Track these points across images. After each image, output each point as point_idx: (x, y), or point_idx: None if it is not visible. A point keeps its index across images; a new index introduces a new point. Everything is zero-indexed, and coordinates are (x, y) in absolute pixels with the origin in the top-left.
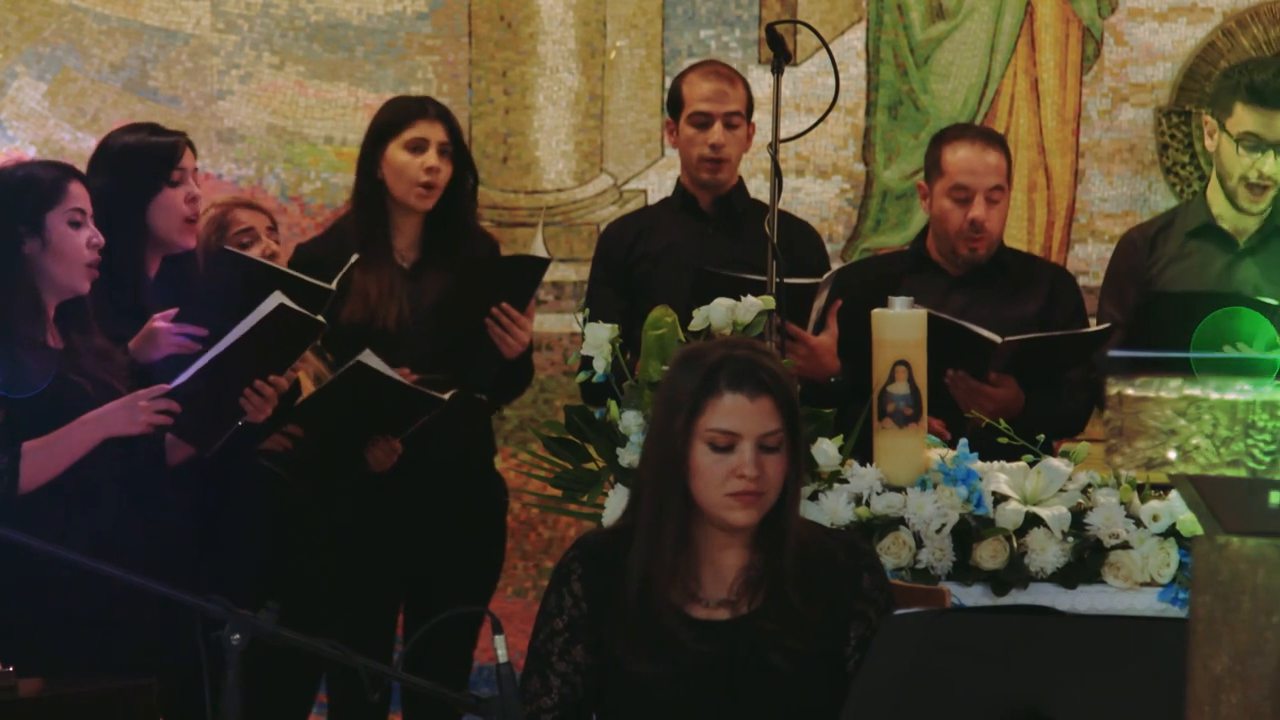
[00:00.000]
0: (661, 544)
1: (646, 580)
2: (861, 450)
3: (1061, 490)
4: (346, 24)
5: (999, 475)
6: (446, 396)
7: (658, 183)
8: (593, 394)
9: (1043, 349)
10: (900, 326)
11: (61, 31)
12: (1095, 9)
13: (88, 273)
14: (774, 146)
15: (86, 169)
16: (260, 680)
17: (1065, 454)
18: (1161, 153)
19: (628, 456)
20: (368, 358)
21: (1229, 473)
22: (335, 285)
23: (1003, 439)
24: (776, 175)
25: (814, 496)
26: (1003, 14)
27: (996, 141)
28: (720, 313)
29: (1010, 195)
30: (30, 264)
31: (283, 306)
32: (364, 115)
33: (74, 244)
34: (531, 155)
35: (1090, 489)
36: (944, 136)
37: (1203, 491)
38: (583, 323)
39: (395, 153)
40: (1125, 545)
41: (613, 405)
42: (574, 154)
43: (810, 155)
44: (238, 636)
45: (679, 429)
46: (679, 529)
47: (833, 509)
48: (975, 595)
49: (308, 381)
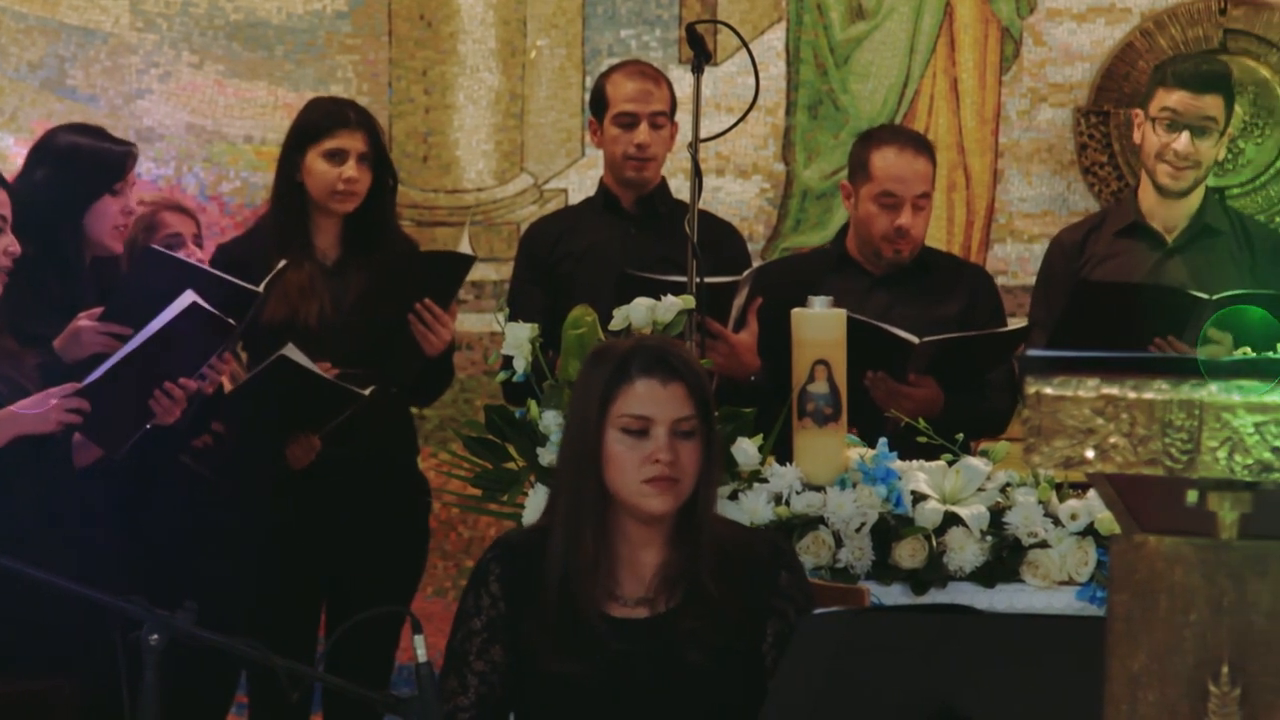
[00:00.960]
0: (579, 542)
1: (565, 579)
2: (781, 449)
3: (980, 489)
4: (266, 23)
5: (918, 474)
6: (367, 392)
7: (578, 182)
8: (513, 393)
9: (962, 349)
10: (820, 326)
11: None
12: (1014, 9)
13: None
14: (694, 146)
15: (25, 160)
16: (179, 681)
17: (984, 453)
18: (1080, 153)
19: (548, 456)
20: (290, 351)
21: (1146, 472)
22: (263, 289)
23: (922, 438)
24: (697, 175)
25: (734, 496)
26: (922, 14)
27: (925, 147)
28: (640, 312)
29: (933, 200)
30: None
31: (195, 305)
32: (283, 114)
33: None
34: (452, 154)
35: (1009, 488)
36: (871, 138)
37: (1120, 490)
38: (503, 322)
39: (314, 161)
40: (1043, 544)
41: (533, 405)
42: (494, 153)
43: (730, 155)
44: (156, 637)
45: (592, 420)
46: (596, 525)
47: (752, 508)
48: (894, 594)
49: (226, 381)
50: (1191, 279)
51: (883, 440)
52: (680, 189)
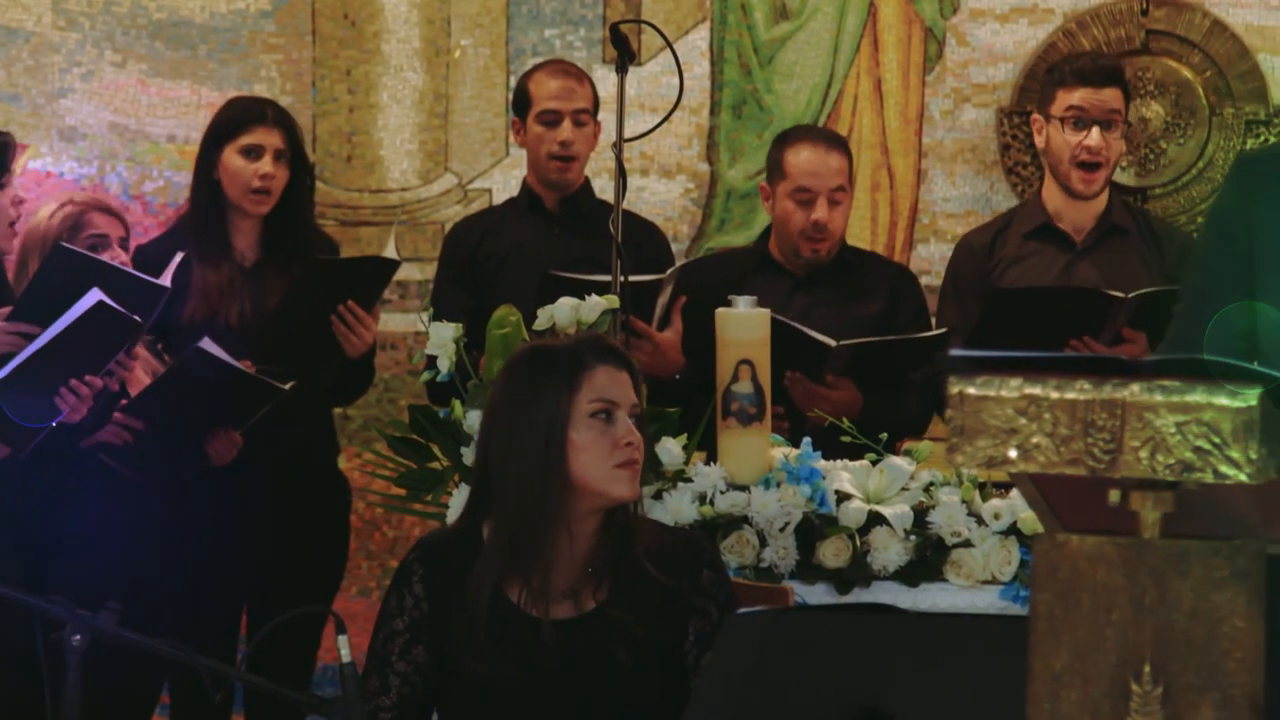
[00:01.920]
0: (540, 542)
1: (494, 580)
2: (705, 449)
3: (904, 489)
4: (189, 22)
5: (842, 474)
6: (288, 386)
7: (503, 182)
8: (437, 393)
9: (880, 352)
10: (744, 326)
11: None
12: (937, 10)
13: None
14: (618, 146)
15: None
16: (102, 681)
17: (908, 453)
18: (1003, 153)
19: (472, 455)
20: (207, 344)
21: (1069, 471)
22: (170, 283)
23: (846, 438)
24: (621, 175)
25: (658, 495)
26: (846, 14)
27: (838, 143)
28: (565, 312)
29: (852, 196)
30: None
31: (101, 304)
32: (207, 114)
33: None
34: (376, 154)
35: (932, 487)
36: (786, 138)
37: (1043, 490)
38: (427, 322)
39: (230, 157)
40: (967, 543)
41: (457, 404)
42: (418, 153)
43: (655, 155)
44: (78, 637)
45: (555, 412)
46: (549, 525)
47: (677, 508)
48: (818, 594)
49: (145, 379)
50: (1102, 280)
51: (807, 440)
52: (604, 189)
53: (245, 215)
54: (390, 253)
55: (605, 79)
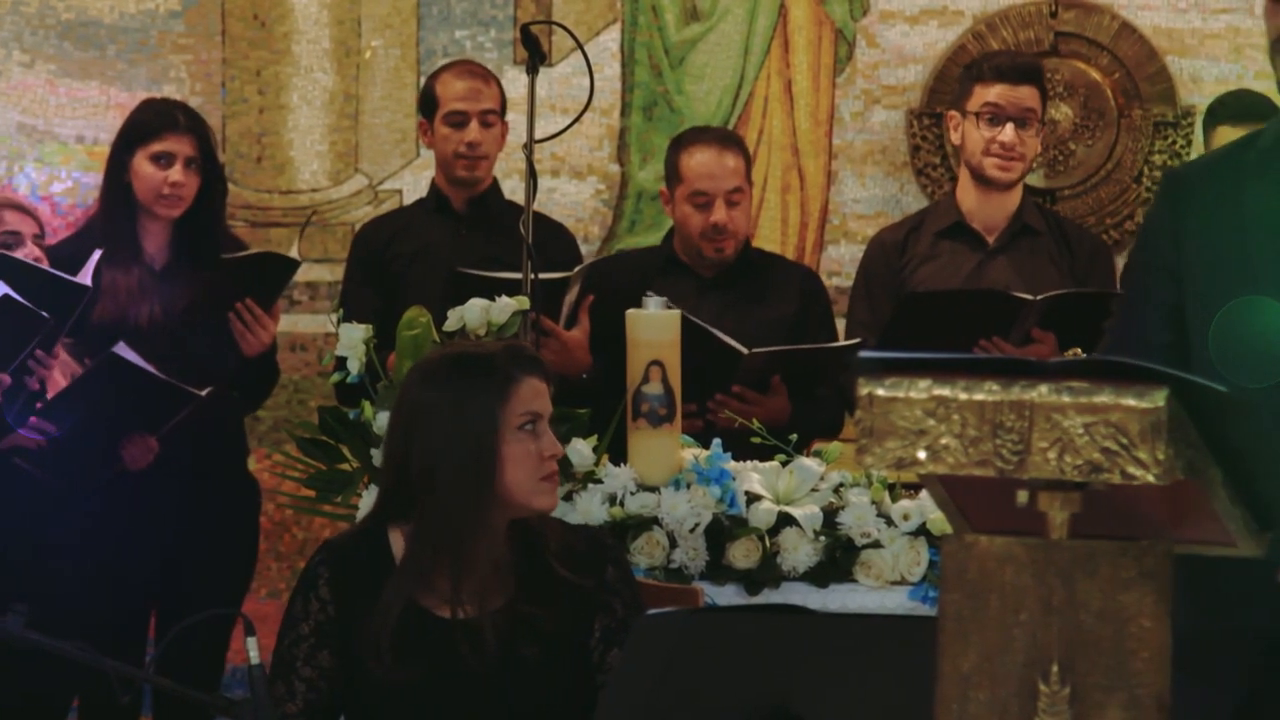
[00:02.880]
0: (455, 551)
1: (404, 584)
2: (615, 450)
3: (814, 490)
4: (98, 22)
5: (752, 475)
6: (204, 392)
7: (413, 183)
8: (347, 394)
9: (794, 360)
10: (654, 327)
11: None
12: (848, 12)
13: None
14: (529, 147)
15: None
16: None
17: (818, 454)
18: (913, 154)
19: (381, 457)
20: (122, 350)
21: (977, 472)
22: (90, 282)
23: (756, 439)
24: (531, 176)
25: (568, 497)
26: (756, 16)
27: (733, 143)
28: (475, 313)
29: (751, 194)
30: None
31: (6, 298)
32: (116, 114)
33: None
34: (286, 155)
35: (842, 488)
36: (680, 142)
37: (951, 491)
38: (337, 323)
39: (141, 163)
40: (876, 544)
41: (366, 406)
42: (329, 154)
43: (565, 156)
44: None
45: (487, 424)
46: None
47: (587, 509)
48: (728, 594)
49: (63, 381)
50: (1014, 280)
51: (717, 441)
52: (515, 190)
53: (155, 218)
54: (293, 253)
55: (516, 80)
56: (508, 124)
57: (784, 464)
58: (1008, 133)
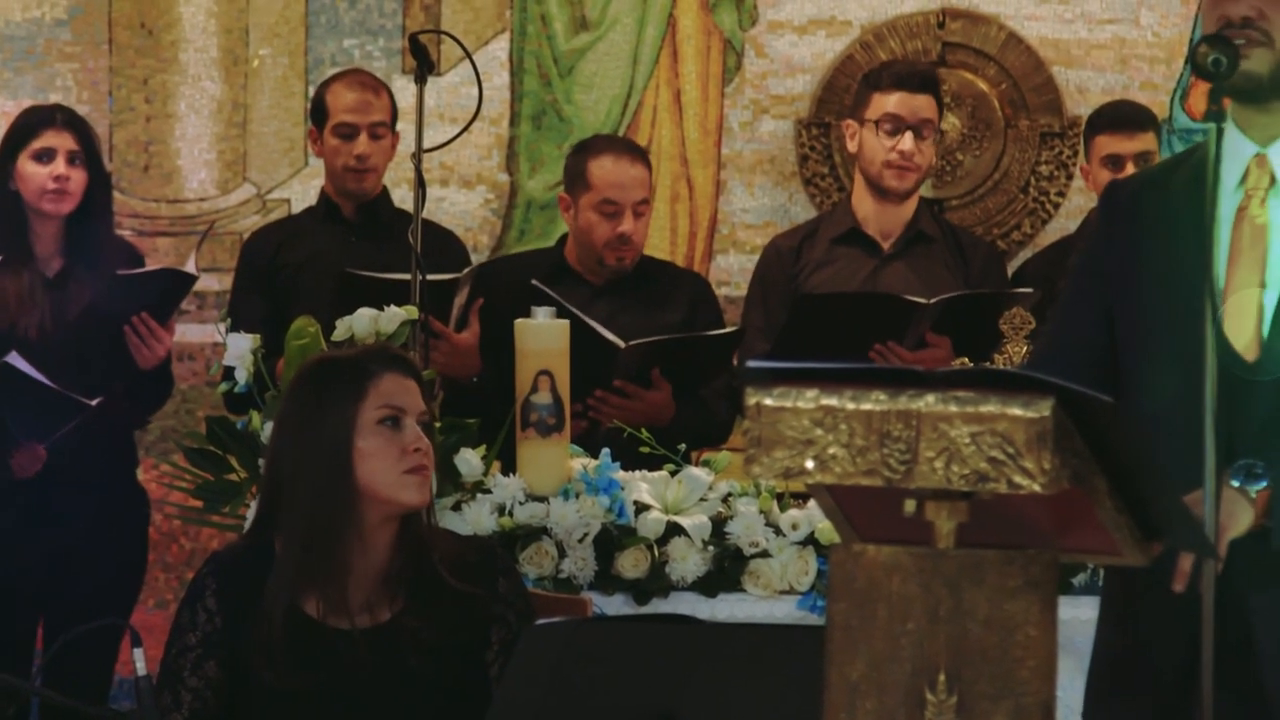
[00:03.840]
0: (330, 553)
1: (289, 592)
2: (505, 459)
3: (702, 499)
4: None
5: (641, 484)
6: (94, 403)
7: (301, 192)
8: (235, 404)
9: (676, 355)
10: (543, 336)
11: None
12: (736, 22)
13: None
14: (418, 156)
15: None
16: None
17: (706, 463)
18: (802, 164)
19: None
20: (14, 359)
21: (865, 482)
22: None
23: (645, 448)
24: (420, 185)
25: (457, 507)
26: (645, 26)
27: (640, 154)
28: (363, 322)
29: (653, 206)
30: None
31: None
32: (2, 123)
33: None
34: (174, 164)
35: (730, 498)
36: (588, 149)
37: (839, 500)
38: (225, 333)
39: (24, 164)
40: (765, 554)
41: (255, 415)
42: (217, 163)
43: (454, 165)
44: None
45: (341, 421)
46: (346, 534)
47: (476, 519)
48: (617, 604)
49: None
50: (909, 285)
51: (605, 451)
52: (404, 199)
53: (45, 220)
54: (190, 266)
55: (404, 89)
56: (398, 134)
57: (673, 473)
58: (907, 141)
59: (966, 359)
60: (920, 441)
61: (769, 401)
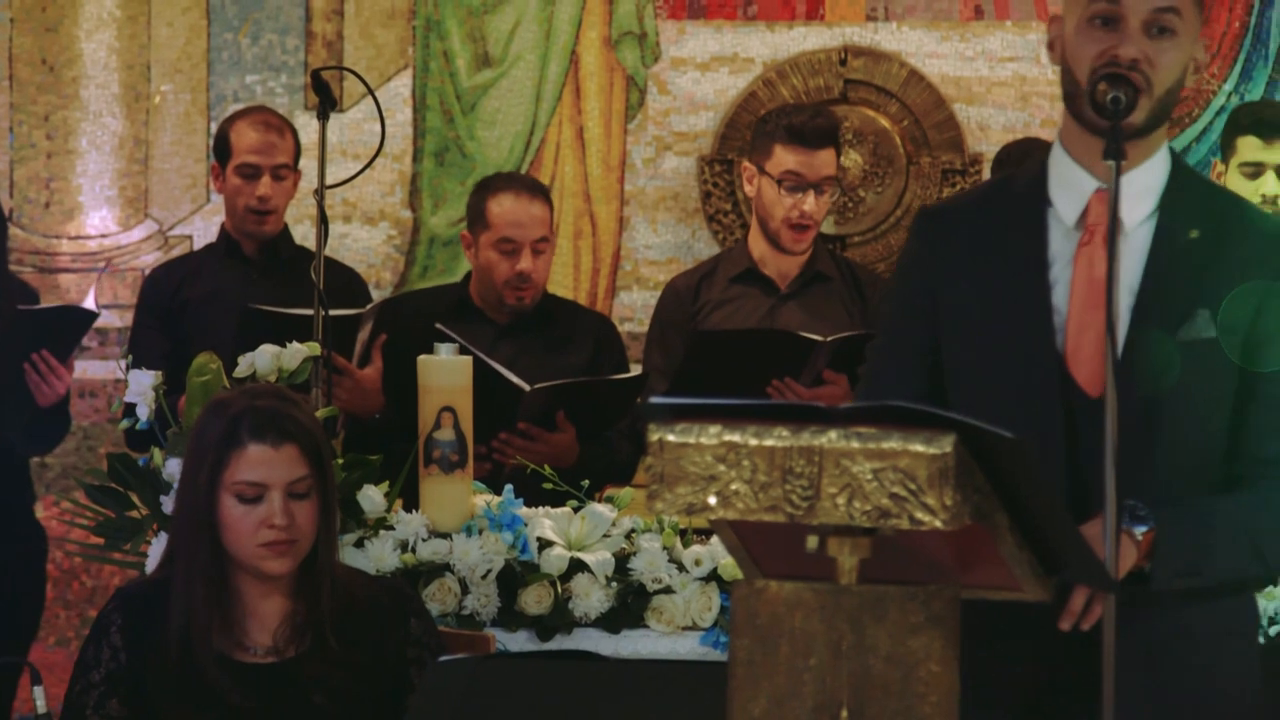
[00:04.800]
0: (195, 596)
1: (186, 630)
2: (408, 495)
3: (605, 535)
4: None
5: (544, 521)
6: None
7: (203, 228)
8: (137, 441)
9: (581, 398)
10: (446, 372)
11: None
12: (639, 58)
13: None
14: (320, 193)
15: None
16: None
17: (610, 500)
18: (705, 201)
19: (171, 504)
20: None
21: (768, 518)
22: None
23: (548, 485)
24: (323, 221)
25: (360, 543)
26: (548, 62)
27: (540, 191)
28: (265, 360)
29: (555, 243)
30: None
31: None
32: None
33: None
34: (74, 200)
35: (634, 534)
36: (488, 187)
37: (742, 536)
38: (126, 369)
39: None
40: (668, 590)
41: (156, 452)
42: (118, 199)
43: (357, 201)
44: None
45: (204, 483)
46: (212, 580)
47: (378, 555)
48: (520, 641)
49: None
50: (806, 324)
51: (509, 487)
52: (306, 235)
53: None
54: (89, 303)
55: (307, 125)
56: (300, 173)
57: (576, 510)
58: (809, 202)
59: None
60: (823, 477)
61: (671, 438)
